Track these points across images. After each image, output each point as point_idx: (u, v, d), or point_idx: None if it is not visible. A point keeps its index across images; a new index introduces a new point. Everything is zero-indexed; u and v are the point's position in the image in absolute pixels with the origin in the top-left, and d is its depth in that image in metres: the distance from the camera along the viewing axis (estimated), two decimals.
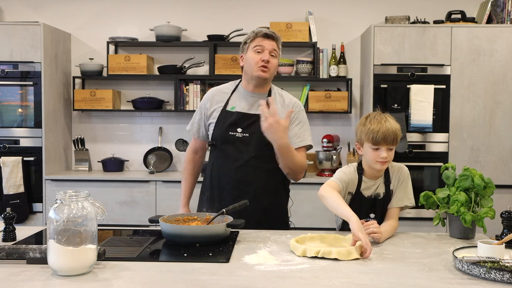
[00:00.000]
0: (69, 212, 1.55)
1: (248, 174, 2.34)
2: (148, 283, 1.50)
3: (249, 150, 2.35)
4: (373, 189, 2.17)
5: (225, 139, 2.37)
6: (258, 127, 2.28)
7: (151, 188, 4.11)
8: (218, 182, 2.40)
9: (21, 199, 4.05)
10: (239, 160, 2.35)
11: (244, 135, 2.35)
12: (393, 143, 2.09)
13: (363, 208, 2.16)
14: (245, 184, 2.35)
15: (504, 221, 1.97)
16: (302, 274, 1.58)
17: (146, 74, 4.37)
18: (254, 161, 2.34)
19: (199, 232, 1.92)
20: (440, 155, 4.01)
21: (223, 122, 2.38)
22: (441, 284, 1.50)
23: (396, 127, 2.10)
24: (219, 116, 2.41)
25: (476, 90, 3.99)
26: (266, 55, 2.35)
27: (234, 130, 2.36)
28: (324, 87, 4.48)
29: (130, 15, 4.61)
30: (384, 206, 2.17)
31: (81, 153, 4.52)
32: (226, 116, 2.39)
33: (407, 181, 2.18)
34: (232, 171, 2.36)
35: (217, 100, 2.45)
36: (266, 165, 2.34)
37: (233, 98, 2.44)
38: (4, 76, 4.11)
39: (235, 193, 2.33)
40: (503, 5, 4.08)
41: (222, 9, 4.58)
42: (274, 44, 2.39)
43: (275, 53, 2.39)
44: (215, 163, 2.43)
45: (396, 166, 2.21)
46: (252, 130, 2.35)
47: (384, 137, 2.06)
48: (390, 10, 4.45)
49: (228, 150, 2.37)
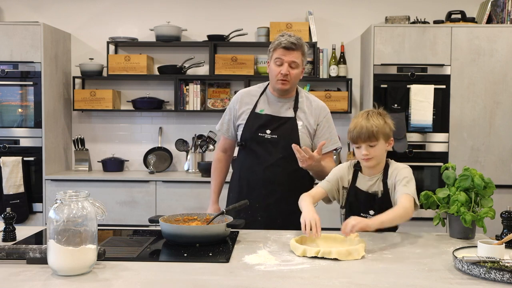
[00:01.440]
0: (69, 212, 1.55)
1: (276, 174, 2.42)
2: (148, 283, 1.50)
3: (277, 151, 2.42)
4: (368, 184, 2.19)
5: (254, 140, 2.44)
6: (286, 129, 2.41)
7: (151, 188, 4.11)
8: (247, 181, 2.47)
9: (21, 199, 4.05)
10: (267, 161, 2.42)
11: (273, 136, 2.42)
12: (370, 140, 2.10)
13: (361, 203, 2.18)
14: (273, 184, 2.42)
15: (504, 221, 1.97)
16: (302, 274, 1.58)
17: (146, 74, 4.37)
18: (282, 162, 2.41)
19: (199, 232, 1.92)
20: (440, 155, 4.01)
21: (252, 123, 2.46)
22: (441, 284, 1.50)
23: (374, 124, 2.10)
24: (248, 117, 2.48)
25: (476, 90, 3.99)
26: (285, 68, 2.38)
27: (263, 131, 2.44)
28: (324, 87, 4.48)
29: (130, 15, 4.61)
30: (384, 204, 2.16)
31: (81, 153, 4.52)
32: (255, 117, 2.47)
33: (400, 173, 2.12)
34: (261, 171, 2.43)
35: (246, 102, 2.53)
36: (293, 166, 2.38)
37: (261, 101, 2.51)
38: (4, 76, 4.11)
39: (264, 192, 2.41)
40: (503, 5, 4.08)
41: (222, 9, 4.58)
42: (294, 55, 2.38)
43: (294, 65, 2.39)
44: (244, 162, 2.50)
45: (395, 165, 2.20)
46: (280, 132, 2.42)
47: (359, 135, 2.11)
48: (390, 10, 4.45)
49: (257, 150, 2.44)
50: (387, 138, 2.16)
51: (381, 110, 2.21)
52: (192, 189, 4.07)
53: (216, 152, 2.70)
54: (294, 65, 2.39)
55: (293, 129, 2.42)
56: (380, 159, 2.17)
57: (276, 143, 2.42)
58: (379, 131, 2.11)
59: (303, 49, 2.41)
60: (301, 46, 2.41)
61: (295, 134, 2.42)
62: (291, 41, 2.36)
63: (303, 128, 2.44)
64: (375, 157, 2.13)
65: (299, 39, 2.41)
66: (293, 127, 2.43)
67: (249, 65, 4.34)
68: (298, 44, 2.38)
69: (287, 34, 2.41)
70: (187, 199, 4.05)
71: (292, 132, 2.42)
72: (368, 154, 2.12)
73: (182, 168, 4.57)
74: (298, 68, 2.41)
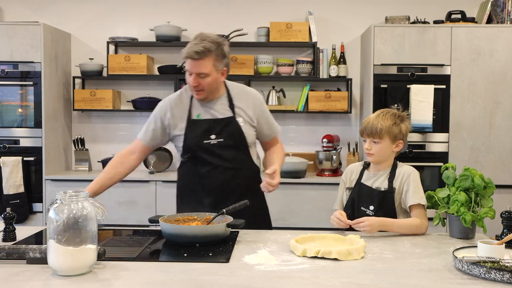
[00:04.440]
0: (69, 212, 1.55)
1: (231, 176, 2.36)
2: (148, 283, 1.50)
3: (228, 154, 2.36)
4: (372, 180, 2.25)
5: (200, 148, 2.35)
6: (229, 130, 2.34)
7: (151, 188, 4.10)
8: (201, 187, 2.39)
9: (21, 199, 4.05)
10: (220, 165, 2.35)
11: (219, 140, 2.35)
12: (373, 136, 2.19)
13: (362, 197, 2.23)
14: (230, 186, 2.36)
15: (504, 221, 1.97)
16: (302, 274, 1.58)
17: (146, 74, 4.37)
18: (234, 163, 2.36)
19: (199, 232, 1.92)
20: (440, 155, 4.01)
21: (193, 132, 2.35)
22: (441, 284, 1.50)
23: (381, 123, 2.19)
24: (186, 126, 2.36)
25: (476, 90, 3.99)
26: (193, 80, 2.26)
27: (207, 137, 2.34)
28: (324, 87, 4.48)
29: (130, 15, 4.61)
30: (384, 200, 2.18)
31: (81, 153, 4.51)
32: (194, 125, 2.36)
33: (412, 180, 2.20)
34: (215, 176, 2.35)
35: (177, 110, 2.40)
36: (246, 165, 2.38)
37: (194, 106, 2.39)
38: (4, 76, 4.11)
39: (219, 196, 2.34)
40: (503, 5, 4.08)
41: (222, 9, 4.58)
42: (201, 66, 2.22)
43: (203, 75, 2.24)
44: (195, 172, 2.40)
45: (404, 167, 2.27)
46: (225, 134, 2.35)
47: (364, 128, 2.22)
48: (390, 10, 4.45)
49: (207, 158, 2.35)
50: (394, 139, 2.21)
51: (400, 112, 2.27)
52: None
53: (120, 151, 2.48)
54: (203, 75, 2.24)
55: (236, 129, 2.36)
56: (382, 157, 2.23)
57: (224, 147, 2.35)
58: (384, 130, 2.18)
59: (214, 54, 2.24)
60: (210, 51, 2.22)
61: (239, 132, 2.36)
62: (195, 50, 2.19)
63: (244, 123, 2.37)
64: (376, 153, 2.21)
65: (207, 44, 2.21)
66: (235, 126, 2.35)
67: (249, 65, 4.34)
68: (204, 52, 2.20)
69: (196, 40, 2.24)
70: None
71: (236, 131, 2.35)
72: (370, 149, 2.21)
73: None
74: (209, 76, 2.26)
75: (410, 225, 2.11)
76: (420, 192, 2.19)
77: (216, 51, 2.25)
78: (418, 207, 2.15)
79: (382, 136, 2.19)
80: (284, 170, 4.08)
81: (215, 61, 2.26)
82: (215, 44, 2.25)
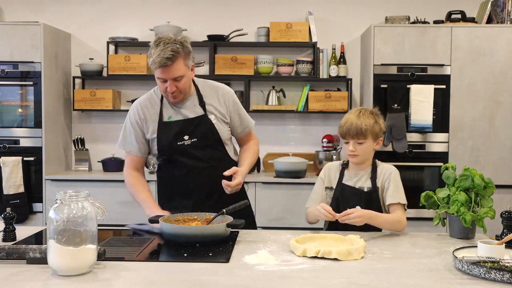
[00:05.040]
0: (69, 212, 1.55)
1: (210, 176, 2.32)
2: (148, 283, 1.50)
3: (204, 153, 2.33)
4: (354, 180, 2.22)
5: (174, 150, 2.32)
6: (203, 130, 2.31)
7: (151, 188, 4.09)
8: (180, 190, 2.36)
9: (21, 199, 4.05)
10: (197, 166, 2.32)
11: (193, 140, 2.31)
12: (358, 137, 2.15)
13: (347, 198, 2.20)
14: (209, 186, 2.32)
15: (504, 221, 1.97)
16: (302, 274, 1.58)
17: (146, 74, 4.37)
18: (211, 162, 2.33)
19: (199, 232, 1.92)
20: (440, 155, 4.01)
21: (165, 134, 2.32)
22: (441, 284, 1.50)
23: (364, 122, 2.14)
24: (158, 129, 2.33)
25: (476, 90, 3.99)
26: (170, 87, 2.23)
27: (181, 139, 2.31)
28: (324, 87, 4.48)
29: (130, 15, 4.61)
30: (370, 200, 2.17)
31: (81, 153, 4.51)
32: (166, 127, 2.32)
33: (392, 179, 2.18)
34: (192, 177, 2.33)
35: (149, 113, 2.36)
36: (224, 163, 2.35)
37: (164, 108, 2.35)
38: (4, 76, 4.11)
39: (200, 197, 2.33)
40: (503, 5, 4.08)
41: (222, 9, 4.58)
42: (174, 70, 2.19)
43: (179, 78, 2.22)
44: (172, 174, 2.37)
45: (385, 166, 2.24)
46: (198, 134, 2.32)
47: (348, 130, 2.16)
48: (390, 10, 4.45)
49: (182, 160, 2.32)
50: (376, 138, 2.20)
51: (374, 109, 2.24)
52: None
53: (127, 173, 2.43)
54: (179, 78, 2.22)
55: (209, 126, 2.33)
56: (366, 157, 2.21)
57: (199, 147, 2.32)
58: (368, 129, 2.15)
59: (182, 53, 2.21)
60: (178, 53, 2.19)
61: (212, 130, 2.33)
62: (165, 57, 2.15)
63: (217, 121, 2.35)
64: (361, 154, 2.18)
65: (174, 47, 2.17)
66: (208, 124, 2.32)
67: (249, 65, 4.34)
68: (174, 55, 2.17)
69: (160, 46, 2.17)
70: None
71: (209, 129, 2.33)
72: (355, 150, 2.17)
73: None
74: (184, 77, 2.24)
75: (393, 220, 2.10)
76: (401, 191, 2.17)
77: (183, 50, 2.22)
78: (398, 206, 2.15)
79: (366, 136, 2.15)
80: (284, 170, 4.08)
81: (185, 60, 2.23)
82: (179, 44, 2.21)
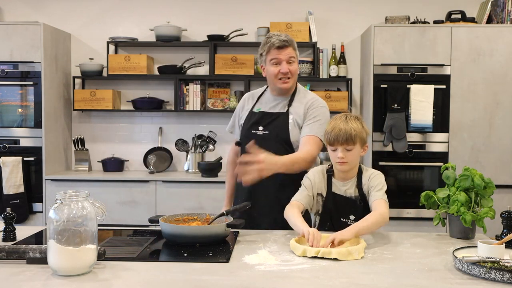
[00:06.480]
0: (69, 212, 1.55)
1: None
2: (148, 283, 1.50)
3: (269, 147, 2.33)
4: (343, 190, 2.15)
5: (248, 137, 2.44)
6: (277, 124, 2.41)
7: (151, 188, 4.11)
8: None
9: (21, 199, 4.05)
10: None
11: (265, 132, 2.43)
12: (348, 143, 2.06)
13: (340, 208, 2.14)
14: (266, 179, 2.28)
15: (504, 221, 1.97)
16: (302, 274, 1.58)
17: (146, 74, 4.37)
18: None
19: (199, 232, 1.92)
20: (440, 155, 4.01)
21: (247, 122, 2.51)
22: (441, 284, 1.50)
23: (352, 127, 2.06)
24: (246, 117, 2.53)
25: (476, 90, 3.99)
26: (284, 67, 2.39)
27: (256, 128, 2.46)
28: (324, 87, 4.48)
29: (130, 15, 4.61)
30: (364, 208, 2.11)
31: (81, 153, 4.51)
32: (251, 116, 2.51)
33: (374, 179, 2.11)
34: None
35: (248, 103, 2.59)
36: None
37: (260, 100, 2.55)
38: (4, 76, 4.11)
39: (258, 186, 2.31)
40: (503, 5, 4.08)
41: (222, 9, 4.58)
42: (289, 51, 2.40)
43: (292, 60, 2.41)
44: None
45: (370, 171, 2.17)
46: (271, 127, 2.43)
47: (336, 137, 2.07)
48: (390, 10, 4.45)
49: None
50: (363, 143, 2.13)
51: (358, 115, 2.19)
52: (192, 189, 4.07)
53: (229, 155, 2.72)
54: (292, 60, 2.40)
55: (283, 123, 2.41)
56: (354, 164, 2.13)
57: (268, 139, 2.40)
58: (357, 135, 2.08)
59: (294, 45, 2.43)
60: (292, 42, 2.42)
61: (285, 128, 2.40)
62: (282, 39, 2.38)
63: (293, 122, 2.41)
64: (350, 161, 2.09)
65: (288, 36, 2.42)
66: (284, 121, 2.42)
67: (249, 65, 4.34)
68: (289, 41, 2.40)
69: (275, 35, 2.41)
70: (187, 199, 4.05)
71: (282, 126, 2.41)
72: (344, 157, 2.07)
73: (182, 168, 4.57)
74: (296, 63, 2.43)
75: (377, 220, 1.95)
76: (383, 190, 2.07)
77: (294, 43, 2.44)
78: (379, 200, 2.04)
79: (355, 142, 2.08)
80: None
81: (295, 50, 2.44)
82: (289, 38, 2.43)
